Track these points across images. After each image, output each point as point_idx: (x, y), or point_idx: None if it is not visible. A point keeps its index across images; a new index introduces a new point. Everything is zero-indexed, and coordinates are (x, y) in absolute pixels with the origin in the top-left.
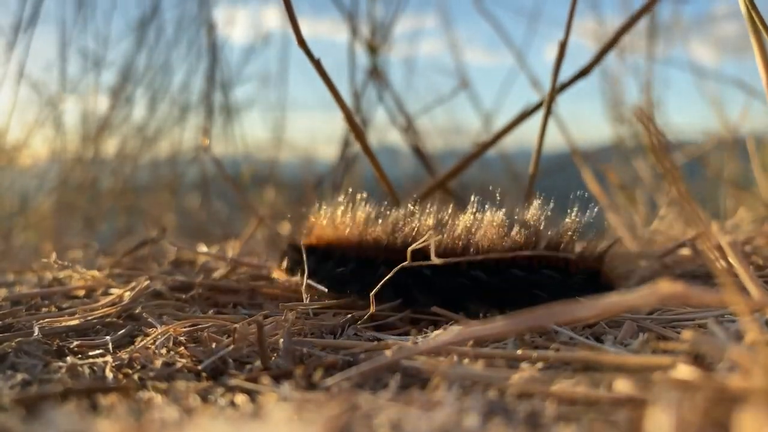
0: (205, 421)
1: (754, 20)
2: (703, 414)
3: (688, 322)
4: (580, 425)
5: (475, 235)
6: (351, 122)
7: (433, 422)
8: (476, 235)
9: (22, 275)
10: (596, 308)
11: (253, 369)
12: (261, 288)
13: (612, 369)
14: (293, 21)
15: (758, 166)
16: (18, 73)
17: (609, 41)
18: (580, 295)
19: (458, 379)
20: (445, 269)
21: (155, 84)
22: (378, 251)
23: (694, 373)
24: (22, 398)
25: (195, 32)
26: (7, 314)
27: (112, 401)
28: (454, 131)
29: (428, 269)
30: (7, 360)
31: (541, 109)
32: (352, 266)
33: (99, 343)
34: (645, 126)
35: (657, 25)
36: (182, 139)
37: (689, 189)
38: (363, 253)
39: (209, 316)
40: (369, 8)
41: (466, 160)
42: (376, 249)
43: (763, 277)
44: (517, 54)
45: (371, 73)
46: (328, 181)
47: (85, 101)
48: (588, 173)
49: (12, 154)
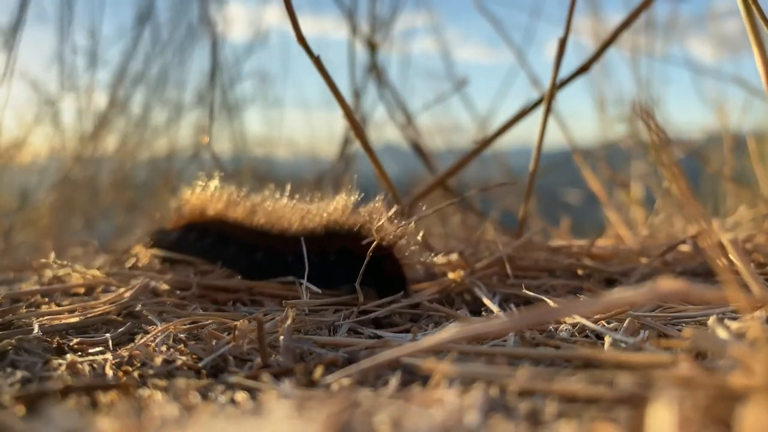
0: (206, 418)
1: (753, 17)
2: (704, 411)
3: (689, 320)
4: (581, 422)
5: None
6: (351, 119)
7: (434, 419)
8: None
9: (22, 273)
10: (597, 306)
11: (254, 366)
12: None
13: (613, 366)
14: (293, 18)
15: (758, 163)
16: (14, 70)
17: (608, 38)
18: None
19: (459, 376)
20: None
21: (153, 81)
22: (237, 229)
23: (695, 370)
24: (22, 395)
25: (194, 30)
26: (7, 312)
27: (112, 399)
28: (454, 129)
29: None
30: (7, 357)
31: (540, 106)
32: (210, 240)
33: (99, 340)
34: (645, 123)
35: (656, 22)
36: (181, 137)
37: (690, 186)
38: (221, 230)
39: (209, 314)
40: (369, 6)
41: (466, 158)
42: (234, 227)
43: (764, 274)
44: (516, 52)
45: (371, 71)
46: (329, 178)
47: (83, 99)
48: (587, 170)
49: (11, 152)
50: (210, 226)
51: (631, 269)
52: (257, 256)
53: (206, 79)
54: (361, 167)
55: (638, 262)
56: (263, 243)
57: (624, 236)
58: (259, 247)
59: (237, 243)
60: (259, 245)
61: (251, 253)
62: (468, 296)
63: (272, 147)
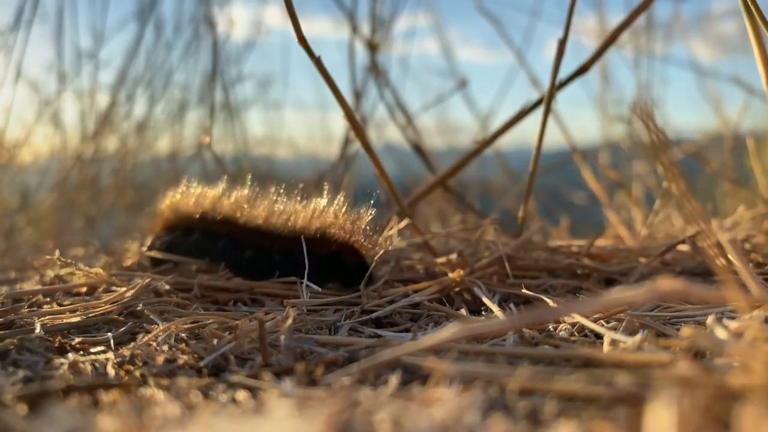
0: (207, 417)
1: (754, 17)
2: (703, 411)
3: (688, 319)
4: (580, 421)
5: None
6: (351, 120)
7: (434, 419)
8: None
9: (24, 273)
10: (596, 305)
11: (255, 365)
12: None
13: (612, 366)
14: (294, 19)
15: (757, 163)
16: (20, 73)
17: (607, 39)
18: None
19: (458, 375)
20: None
21: (155, 81)
22: (221, 226)
23: (694, 369)
24: (24, 395)
25: (195, 29)
26: (9, 311)
27: (113, 398)
28: (454, 129)
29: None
30: (9, 357)
31: (540, 107)
32: (196, 237)
33: (101, 340)
34: (644, 123)
35: (655, 22)
36: (182, 137)
37: (689, 186)
38: (207, 227)
39: (210, 313)
40: (370, 6)
41: (466, 158)
42: (220, 224)
43: (762, 274)
44: (516, 52)
45: (371, 71)
46: (329, 178)
47: (84, 98)
48: (587, 171)
49: (12, 152)
50: (194, 225)
51: (631, 269)
52: (246, 253)
53: (207, 79)
54: (362, 167)
55: (637, 262)
56: (249, 240)
57: (623, 236)
58: (242, 243)
59: (214, 238)
60: (245, 242)
61: (237, 250)
62: (468, 296)
63: (273, 147)
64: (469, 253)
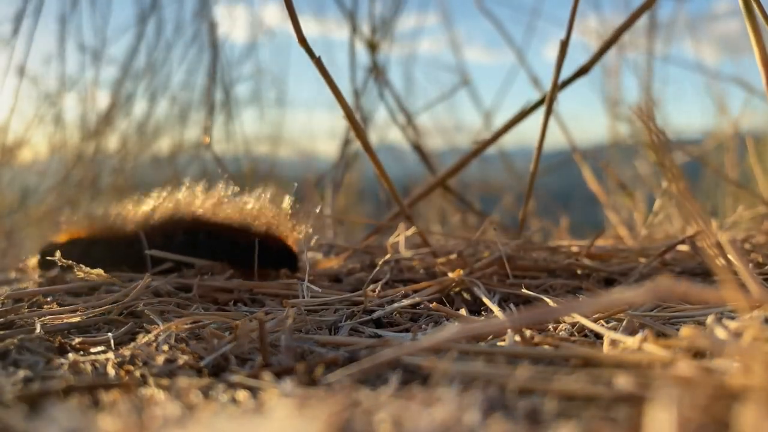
0: (207, 417)
1: (754, 17)
2: (702, 411)
3: (687, 319)
4: (580, 422)
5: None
6: (351, 120)
7: (434, 418)
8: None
9: (24, 272)
10: (596, 305)
11: (255, 365)
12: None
13: (612, 366)
14: (294, 19)
15: (757, 163)
16: (24, 73)
17: (609, 39)
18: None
19: (458, 375)
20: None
21: (155, 80)
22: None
23: (693, 369)
24: (24, 395)
25: (195, 29)
26: (9, 311)
27: (113, 398)
28: (455, 129)
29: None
30: (9, 357)
31: (541, 107)
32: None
33: (101, 340)
34: (645, 123)
35: (657, 23)
36: (183, 137)
37: (689, 186)
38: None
39: (210, 314)
40: (370, 6)
41: (467, 158)
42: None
43: (762, 274)
44: (517, 52)
45: (372, 71)
46: (329, 178)
47: (85, 97)
48: (587, 171)
49: (13, 151)
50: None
51: (630, 269)
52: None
53: (207, 79)
54: (362, 167)
55: (637, 262)
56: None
57: (623, 236)
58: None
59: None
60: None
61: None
62: (467, 296)
63: (273, 147)
64: (469, 253)
